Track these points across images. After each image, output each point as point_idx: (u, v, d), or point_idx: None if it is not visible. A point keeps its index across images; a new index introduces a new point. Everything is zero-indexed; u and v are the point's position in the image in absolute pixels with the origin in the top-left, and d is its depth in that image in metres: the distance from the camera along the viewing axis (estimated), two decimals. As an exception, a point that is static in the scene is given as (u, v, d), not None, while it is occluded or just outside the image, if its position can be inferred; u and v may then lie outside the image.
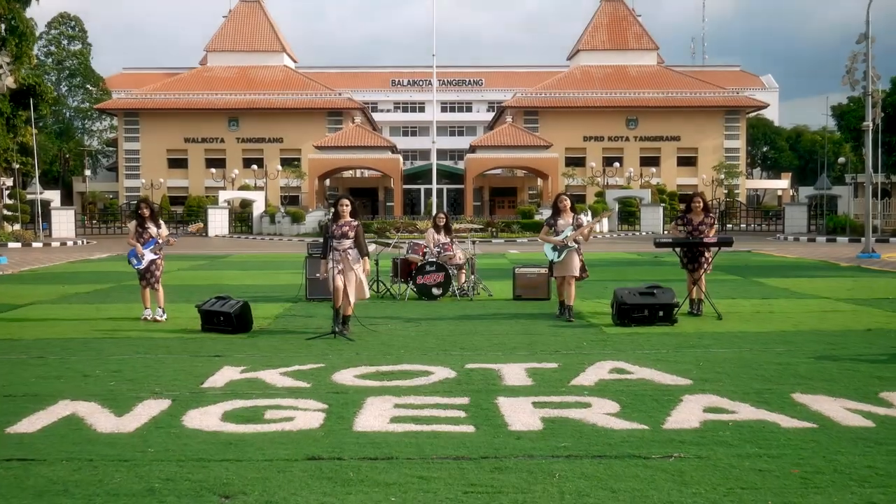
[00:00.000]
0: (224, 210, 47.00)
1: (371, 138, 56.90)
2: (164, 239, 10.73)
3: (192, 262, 21.60)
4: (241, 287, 14.38)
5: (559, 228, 9.84)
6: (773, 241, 36.69)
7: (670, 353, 7.55)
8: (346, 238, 8.84)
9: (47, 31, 74.79)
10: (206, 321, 9.04)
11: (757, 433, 4.88)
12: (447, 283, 12.00)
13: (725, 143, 65.33)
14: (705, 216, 10.38)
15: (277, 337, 8.73)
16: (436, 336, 8.70)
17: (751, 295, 12.72)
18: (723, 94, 65.93)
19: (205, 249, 30.09)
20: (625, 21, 70.89)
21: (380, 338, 8.61)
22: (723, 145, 65.20)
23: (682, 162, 64.95)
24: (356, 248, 8.86)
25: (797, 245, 32.34)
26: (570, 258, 9.75)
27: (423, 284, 12.00)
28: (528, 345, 8.10)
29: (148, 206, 10.77)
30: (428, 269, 12.02)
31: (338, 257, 8.76)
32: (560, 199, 9.93)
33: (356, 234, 8.91)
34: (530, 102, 64.49)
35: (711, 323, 9.58)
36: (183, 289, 14.04)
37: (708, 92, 65.49)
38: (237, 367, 6.98)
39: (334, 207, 8.96)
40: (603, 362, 7.08)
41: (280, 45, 69.18)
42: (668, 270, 17.53)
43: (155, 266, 10.67)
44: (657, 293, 9.27)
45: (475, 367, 6.95)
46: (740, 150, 66.11)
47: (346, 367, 6.98)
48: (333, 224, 8.89)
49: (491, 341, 8.33)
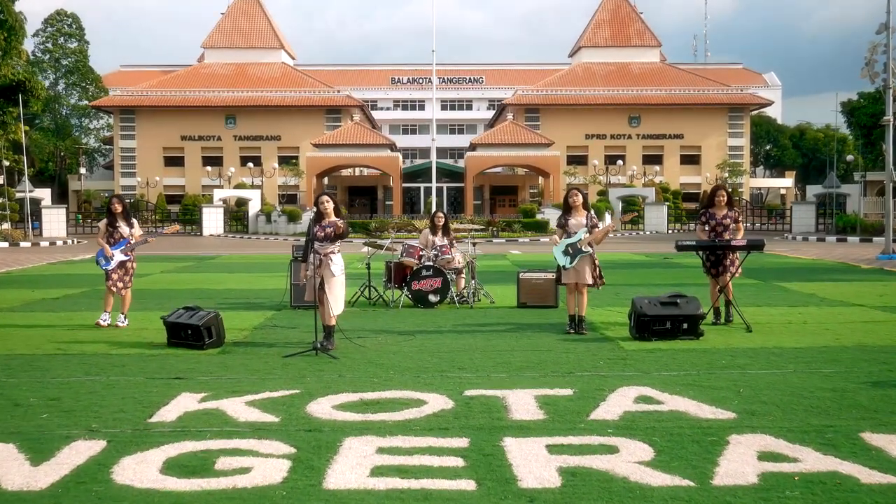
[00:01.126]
0: (219, 209, 45.97)
1: (370, 136, 55.95)
2: (137, 239, 9.75)
3: (178, 263, 20.55)
4: (224, 292, 13.35)
5: (571, 229, 8.75)
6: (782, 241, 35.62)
7: (703, 376, 6.50)
8: (331, 241, 7.85)
9: (44, 28, 74.12)
10: (172, 335, 8.01)
11: (832, 492, 3.85)
12: (445, 290, 10.95)
13: (729, 141, 64.44)
14: (728, 210, 9.35)
15: (252, 354, 7.70)
16: (431, 352, 7.67)
17: (775, 301, 11.67)
18: (726, 92, 64.97)
19: (195, 250, 29.06)
20: (627, 18, 69.98)
21: (367, 355, 7.58)
22: (726, 143, 64.32)
23: (686, 160, 64.08)
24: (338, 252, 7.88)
25: (809, 245, 31.27)
26: (582, 264, 8.69)
27: (418, 291, 10.95)
28: (536, 364, 7.06)
29: (120, 203, 9.79)
30: (424, 274, 10.96)
31: (319, 262, 7.78)
32: (571, 195, 8.83)
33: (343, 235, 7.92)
34: (531, 100, 63.51)
35: (741, 336, 8.54)
36: (160, 294, 13.01)
37: (711, 89, 64.53)
38: (197, 394, 5.94)
39: (316, 206, 7.96)
40: (626, 388, 6.03)
41: (278, 42, 68.22)
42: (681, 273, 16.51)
43: (125, 269, 9.69)
44: (681, 303, 8.23)
45: (476, 394, 5.91)
46: (744, 148, 65.19)
47: (325, 393, 5.94)
48: (316, 225, 7.90)
49: (494, 359, 7.30)
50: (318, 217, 7.94)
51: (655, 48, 69.59)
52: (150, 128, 62.61)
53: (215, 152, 62.28)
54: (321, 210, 7.88)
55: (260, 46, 67.37)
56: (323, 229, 7.86)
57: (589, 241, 8.68)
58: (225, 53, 66.98)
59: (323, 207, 7.87)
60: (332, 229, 7.85)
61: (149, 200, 56.39)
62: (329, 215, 7.93)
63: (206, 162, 60.90)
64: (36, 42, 73.79)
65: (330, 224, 7.89)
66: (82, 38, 75.66)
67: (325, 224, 7.90)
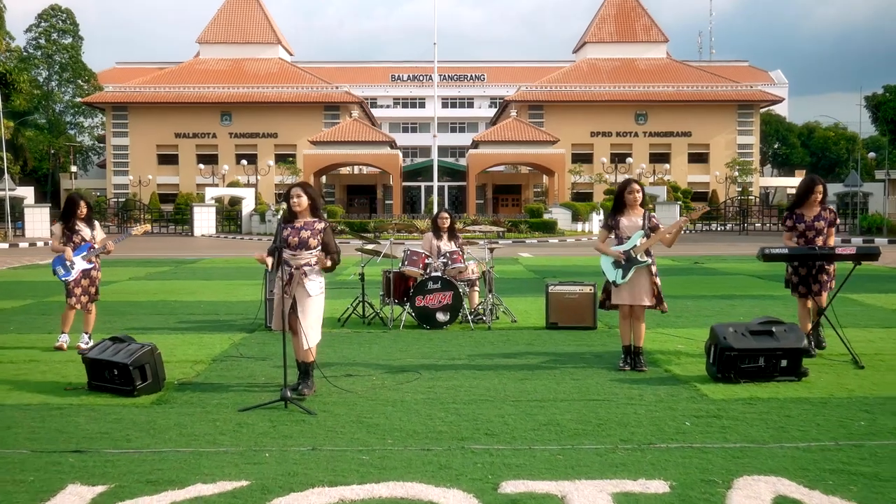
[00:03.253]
0: (211, 208, 43.98)
1: (369, 133, 54.06)
2: (101, 245, 7.83)
3: (153, 268, 18.45)
4: (191, 306, 11.26)
5: (623, 233, 6.67)
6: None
7: (851, 452, 4.38)
8: (307, 248, 5.82)
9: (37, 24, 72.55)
10: (93, 375, 5.95)
11: None
12: (456, 306, 8.84)
13: (738, 139, 62.80)
14: (822, 209, 7.27)
15: (197, 404, 5.61)
16: (444, 404, 5.57)
17: (862, 322, 9.44)
18: (736, 88, 63.21)
19: (181, 251, 26.96)
20: (633, 12, 68.24)
21: (356, 408, 5.50)
22: (735, 141, 62.75)
23: (694, 158, 62.47)
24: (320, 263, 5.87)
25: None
26: (638, 279, 6.61)
27: (424, 308, 8.85)
28: (596, 426, 4.97)
29: (85, 202, 7.90)
30: (431, 287, 8.82)
31: (289, 277, 5.75)
32: (628, 189, 6.68)
33: (324, 244, 5.87)
34: (535, 96, 61.77)
35: (854, 375, 6.43)
36: (116, 308, 10.93)
37: (720, 86, 62.79)
38: (91, 489, 3.88)
39: (285, 201, 5.93)
40: (748, 480, 3.91)
41: (275, 37, 66.46)
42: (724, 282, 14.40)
43: (89, 280, 7.79)
44: (777, 332, 6.15)
45: (520, 490, 3.81)
46: (754, 146, 63.48)
47: (286, 489, 3.87)
48: (287, 227, 5.87)
49: (534, 417, 5.20)
50: (290, 216, 5.93)
51: (662, 44, 67.88)
52: (144, 125, 61.15)
53: (210, 150, 60.77)
54: (292, 207, 5.87)
55: (256, 41, 65.74)
56: (296, 233, 5.83)
57: (647, 247, 6.61)
58: (220, 49, 65.38)
59: (295, 203, 5.86)
60: (308, 234, 5.83)
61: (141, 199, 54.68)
62: (304, 213, 5.91)
63: (201, 160, 59.19)
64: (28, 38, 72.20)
65: (306, 226, 5.86)
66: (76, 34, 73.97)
67: (300, 226, 5.87)
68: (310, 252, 5.82)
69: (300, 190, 5.89)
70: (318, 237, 5.85)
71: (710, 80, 63.86)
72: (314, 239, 5.84)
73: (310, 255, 5.82)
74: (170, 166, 61.43)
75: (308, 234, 5.82)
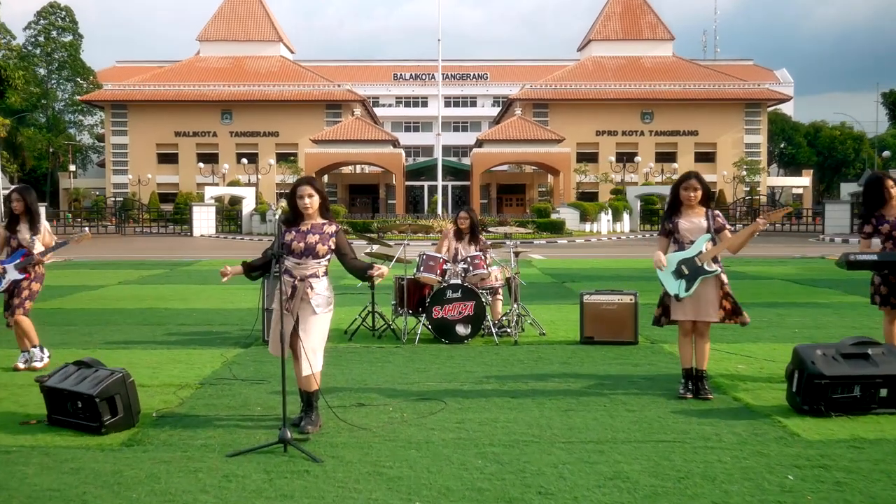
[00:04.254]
0: (210, 208, 43.03)
1: (372, 132, 53.11)
2: (41, 253, 6.82)
3: (147, 270, 17.43)
4: (183, 314, 10.23)
5: (684, 237, 5.64)
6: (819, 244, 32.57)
7: None
8: (315, 256, 4.81)
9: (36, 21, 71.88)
10: (53, 407, 4.93)
11: None
12: (479, 318, 7.79)
13: (745, 138, 61.90)
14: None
15: (176, 446, 4.56)
16: (478, 445, 4.53)
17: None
18: (743, 87, 62.29)
19: (178, 252, 25.96)
20: (639, 10, 67.41)
21: (372, 452, 4.47)
22: (743, 140, 61.84)
23: (700, 158, 61.58)
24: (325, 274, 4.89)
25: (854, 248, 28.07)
26: (704, 291, 5.57)
27: (442, 319, 7.79)
28: (676, 481, 3.93)
29: (21, 200, 6.85)
30: (450, 297, 7.78)
31: (292, 290, 4.74)
32: (686, 185, 5.61)
33: (338, 248, 4.87)
34: (540, 95, 60.89)
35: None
36: (99, 316, 9.92)
37: (727, 84, 61.92)
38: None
39: (290, 200, 4.92)
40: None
41: (276, 35, 65.60)
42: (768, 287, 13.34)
43: (19, 289, 6.76)
44: (874, 355, 5.15)
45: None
46: (761, 145, 62.59)
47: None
48: (290, 230, 4.86)
49: (593, 467, 4.14)
50: (294, 217, 4.92)
51: (668, 41, 67.05)
52: (143, 123, 60.39)
53: (210, 149, 59.97)
54: (300, 208, 4.86)
55: (257, 39, 64.93)
56: (302, 237, 4.81)
57: (715, 254, 5.60)
58: (221, 46, 64.57)
59: (306, 205, 4.84)
60: (316, 239, 4.81)
61: (140, 199, 53.81)
62: (312, 216, 4.90)
63: (201, 159, 58.29)
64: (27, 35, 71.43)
65: (314, 229, 4.85)
66: (76, 32, 73.21)
67: (306, 229, 4.85)
68: (317, 261, 4.82)
69: (310, 188, 4.85)
70: (329, 243, 4.84)
71: (717, 78, 62.96)
72: (323, 245, 4.82)
73: (317, 264, 4.82)
74: (169, 165, 60.67)
75: (316, 240, 4.81)
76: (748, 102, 61.76)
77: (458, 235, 8.45)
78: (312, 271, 4.79)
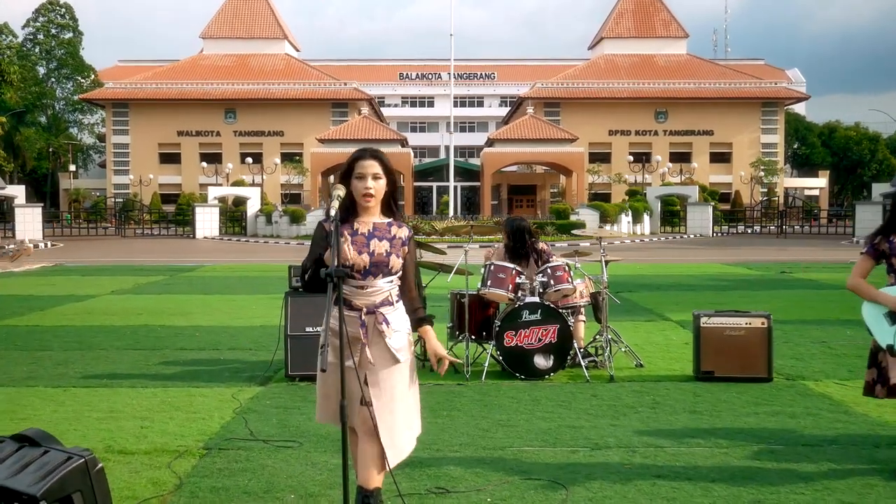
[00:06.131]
0: (214, 209, 41.44)
1: (379, 131, 51.63)
2: None
3: (145, 277, 15.73)
4: (184, 333, 8.56)
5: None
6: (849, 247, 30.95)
7: None
8: (385, 273, 3.15)
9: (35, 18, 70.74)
10: (-14, 505, 3.29)
11: None
12: (564, 346, 6.10)
13: (762, 138, 60.38)
14: None
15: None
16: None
17: None
18: (759, 86, 60.68)
19: (179, 256, 24.29)
20: (652, 7, 65.95)
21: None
22: (759, 140, 60.35)
23: (716, 158, 60.05)
24: (401, 301, 3.22)
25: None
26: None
27: (517, 348, 6.10)
28: None
29: None
30: (527, 319, 6.07)
31: (356, 329, 3.07)
32: None
33: (405, 269, 3.20)
34: (551, 93, 59.43)
35: None
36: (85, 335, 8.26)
37: (743, 83, 60.41)
38: None
39: (344, 179, 3.20)
40: None
41: (281, 32, 64.22)
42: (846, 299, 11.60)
43: None
44: None
45: None
46: (778, 145, 61.03)
47: None
48: (346, 232, 3.14)
49: None
50: (346, 213, 3.20)
51: (682, 39, 65.57)
52: (145, 122, 59.10)
53: (214, 148, 58.65)
54: (359, 192, 3.15)
55: (262, 37, 63.54)
56: (363, 244, 3.12)
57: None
58: (224, 44, 63.16)
59: (367, 188, 3.13)
60: (387, 245, 3.14)
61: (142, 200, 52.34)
62: (373, 210, 3.20)
63: (204, 158, 56.80)
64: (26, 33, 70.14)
65: (378, 231, 3.17)
66: (76, 30, 71.96)
67: (367, 231, 3.16)
68: (389, 280, 3.18)
69: (377, 164, 3.13)
70: (401, 253, 3.20)
71: (733, 76, 61.46)
72: (397, 256, 3.18)
73: (389, 285, 3.18)
74: (172, 165, 59.29)
75: (386, 248, 3.15)
76: (765, 101, 60.29)
77: (516, 253, 6.62)
78: (384, 297, 3.15)
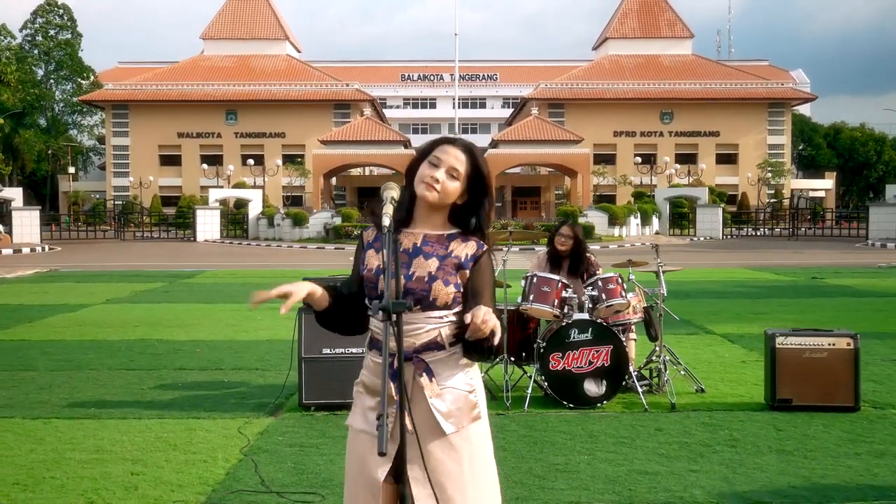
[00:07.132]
0: (215, 211, 40.77)
1: (382, 132, 50.91)
2: None
3: (142, 283, 15.00)
4: (183, 348, 7.81)
5: None
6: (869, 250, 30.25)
7: None
8: (432, 307, 2.18)
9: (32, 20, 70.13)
10: None
11: None
12: (619, 370, 5.33)
13: (769, 139, 59.82)
14: None
15: None
16: None
17: None
18: (766, 86, 60.09)
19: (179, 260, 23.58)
20: (657, 7, 65.45)
21: None
22: (766, 141, 59.78)
23: (722, 159, 59.46)
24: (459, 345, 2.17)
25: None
26: None
27: (564, 373, 5.32)
28: None
29: None
30: (575, 338, 5.29)
31: (401, 391, 2.06)
32: None
33: (476, 289, 2.19)
34: (555, 94, 58.85)
35: None
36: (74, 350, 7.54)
37: (749, 83, 59.86)
38: None
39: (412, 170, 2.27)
40: None
41: (282, 33, 63.69)
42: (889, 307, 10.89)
43: None
44: None
45: None
46: (785, 146, 60.48)
47: None
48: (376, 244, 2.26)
49: None
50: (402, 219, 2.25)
51: (688, 39, 65.06)
52: (145, 124, 58.58)
53: (214, 150, 58.13)
54: (426, 180, 2.20)
55: (263, 37, 63.01)
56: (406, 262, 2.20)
57: None
58: (225, 45, 62.69)
59: (434, 179, 2.18)
60: (438, 264, 2.21)
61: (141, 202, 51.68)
62: (431, 214, 2.26)
63: (205, 160, 56.16)
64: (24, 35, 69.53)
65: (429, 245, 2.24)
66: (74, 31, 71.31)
67: (414, 245, 2.22)
68: (440, 315, 2.23)
69: (465, 158, 2.23)
70: (456, 279, 2.22)
71: (739, 77, 60.87)
72: (443, 282, 2.20)
73: (439, 322, 2.23)
74: (172, 167, 58.76)
75: (434, 268, 2.20)
76: (771, 102, 59.75)
77: (555, 262, 5.90)
78: (429, 338, 2.21)
